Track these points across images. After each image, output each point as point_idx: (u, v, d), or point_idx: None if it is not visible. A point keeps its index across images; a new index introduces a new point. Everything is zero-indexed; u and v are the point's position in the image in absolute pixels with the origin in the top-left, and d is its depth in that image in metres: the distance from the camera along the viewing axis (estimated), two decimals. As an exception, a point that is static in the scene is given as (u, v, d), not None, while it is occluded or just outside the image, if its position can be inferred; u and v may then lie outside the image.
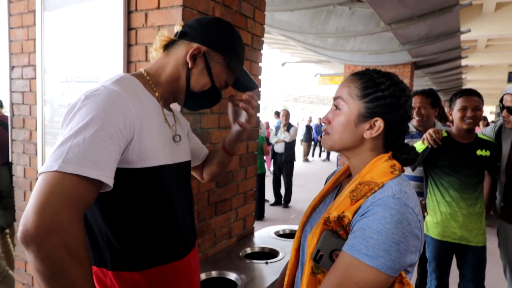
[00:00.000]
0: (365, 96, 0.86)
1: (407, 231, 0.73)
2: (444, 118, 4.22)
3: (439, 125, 2.74)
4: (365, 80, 0.87)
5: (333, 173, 1.08)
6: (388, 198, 0.76)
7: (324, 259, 0.82)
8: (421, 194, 2.45)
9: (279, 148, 6.50)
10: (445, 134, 2.24)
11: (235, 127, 1.23)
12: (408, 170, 2.40)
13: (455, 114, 2.18)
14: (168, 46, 1.04)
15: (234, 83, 1.12)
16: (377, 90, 0.85)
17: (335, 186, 1.00)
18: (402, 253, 0.73)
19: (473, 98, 2.14)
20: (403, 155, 0.89)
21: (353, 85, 0.88)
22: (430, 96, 2.55)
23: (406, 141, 2.63)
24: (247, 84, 1.07)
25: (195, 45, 1.00)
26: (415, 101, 2.54)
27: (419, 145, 2.22)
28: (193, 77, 1.01)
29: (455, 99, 2.19)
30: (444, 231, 2.23)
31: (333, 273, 0.77)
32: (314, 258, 0.82)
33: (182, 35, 1.02)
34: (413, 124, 2.62)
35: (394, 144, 0.90)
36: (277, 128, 6.73)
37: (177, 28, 1.04)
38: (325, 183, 1.07)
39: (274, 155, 6.66)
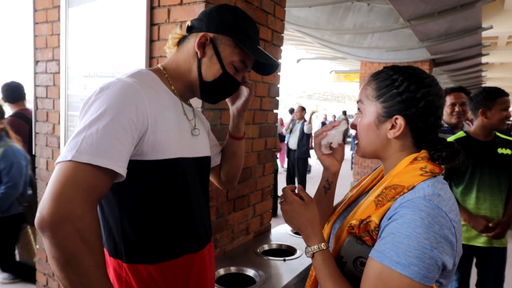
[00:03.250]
0: (380, 96, 0.84)
1: (439, 236, 0.68)
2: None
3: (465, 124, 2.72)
4: (380, 79, 0.85)
5: (373, 170, 1.05)
6: (418, 199, 0.71)
7: (347, 266, 0.78)
8: None
9: (293, 144, 6.48)
10: (463, 134, 2.21)
11: (235, 105, 1.22)
12: None
13: (493, 114, 2.13)
14: (180, 42, 1.05)
15: (256, 67, 1.10)
16: (391, 88, 0.83)
17: (368, 189, 0.97)
18: (436, 260, 0.68)
19: (509, 99, 2.15)
20: (437, 153, 0.82)
21: (370, 86, 0.87)
22: (467, 93, 2.56)
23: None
24: (265, 62, 1.01)
25: (201, 33, 0.99)
26: (455, 97, 2.55)
27: None
28: (203, 66, 1.00)
29: (494, 99, 2.13)
30: (469, 234, 2.18)
31: (365, 284, 0.73)
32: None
33: (189, 29, 1.03)
34: (445, 120, 2.61)
35: (424, 140, 0.85)
36: (293, 125, 6.72)
37: (188, 23, 1.05)
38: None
39: (289, 151, 6.65)
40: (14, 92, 3.21)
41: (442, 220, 0.70)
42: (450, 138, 2.23)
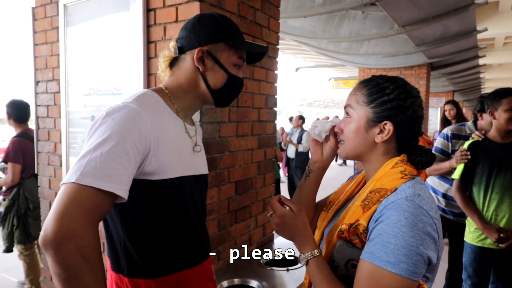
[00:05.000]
0: (371, 101, 0.89)
1: (423, 233, 0.73)
2: (461, 119, 4.14)
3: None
4: (371, 86, 0.90)
5: (355, 174, 1.08)
6: (401, 200, 0.77)
7: (340, 269, 0.82)
8: None
9: (291, 153, 6.49)
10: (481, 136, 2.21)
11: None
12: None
13: (500, 115, 2.10)
14: (173, 63, 1.08)
15: (248, 59, 1.14)
16: (383, 95, 0.88)
17: (354, 193, 1.01)
18: (422, 255, 0.73)
19: None
20: (418, 158, 0.89)
21: (360, 92, 0.91)
22: None
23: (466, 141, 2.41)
24: (260, 51, 1.12)
25: (196, 50, 1.03)
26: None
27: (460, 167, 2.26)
28: (209, 77, 1.04)
29: (499, 99, 2.10)
30: (486, 237, 2.15)
31: (359, 285, 0.77)
32: None
33: (181, 50, 1.06)
34: (502, 126, 2.56)
35: (407, 146, 0.91)
36: (291, 135, 6.75)
37: (172, 45, 1.08)
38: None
39: (288, 160, 6.65)
40: (24, 113, 3.13)
41: (424, 218, 0.75)
42: (468, 142, 2.24)
